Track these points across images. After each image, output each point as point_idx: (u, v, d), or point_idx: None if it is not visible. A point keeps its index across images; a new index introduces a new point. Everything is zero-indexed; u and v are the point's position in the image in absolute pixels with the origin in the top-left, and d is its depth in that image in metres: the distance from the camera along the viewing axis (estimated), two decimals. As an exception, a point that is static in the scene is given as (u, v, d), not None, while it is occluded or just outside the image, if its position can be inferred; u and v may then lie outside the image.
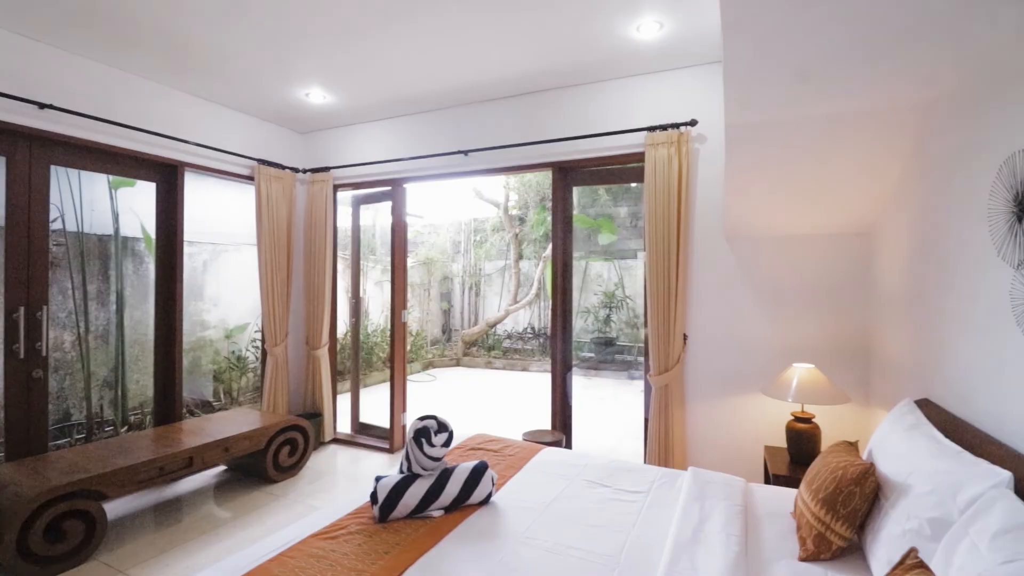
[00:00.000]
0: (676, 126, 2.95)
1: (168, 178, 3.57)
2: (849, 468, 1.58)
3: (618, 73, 3.18)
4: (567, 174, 3.48)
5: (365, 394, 4.66)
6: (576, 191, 3.61)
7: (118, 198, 4.08)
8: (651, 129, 3.01)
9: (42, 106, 2.79)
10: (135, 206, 4.09)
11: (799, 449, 2.49)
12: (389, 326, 7.67)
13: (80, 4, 2.46)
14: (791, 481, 2.35)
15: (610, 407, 5.94)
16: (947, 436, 1.57)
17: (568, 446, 3.44)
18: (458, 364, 8.75)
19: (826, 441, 2.53)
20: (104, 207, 4.05)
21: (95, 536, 2.47)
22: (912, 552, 1.19)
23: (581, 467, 2.25)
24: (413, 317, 8.65)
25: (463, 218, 9.61)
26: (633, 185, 7.88)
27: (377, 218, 8.24)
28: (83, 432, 3.88)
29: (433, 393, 6.67)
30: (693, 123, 2.93)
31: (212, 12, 2.54)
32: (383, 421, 4.29)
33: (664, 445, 2.91)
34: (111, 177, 3.95)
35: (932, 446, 1.51)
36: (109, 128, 3.13)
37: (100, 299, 4.05)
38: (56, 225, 3.53)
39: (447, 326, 9.71)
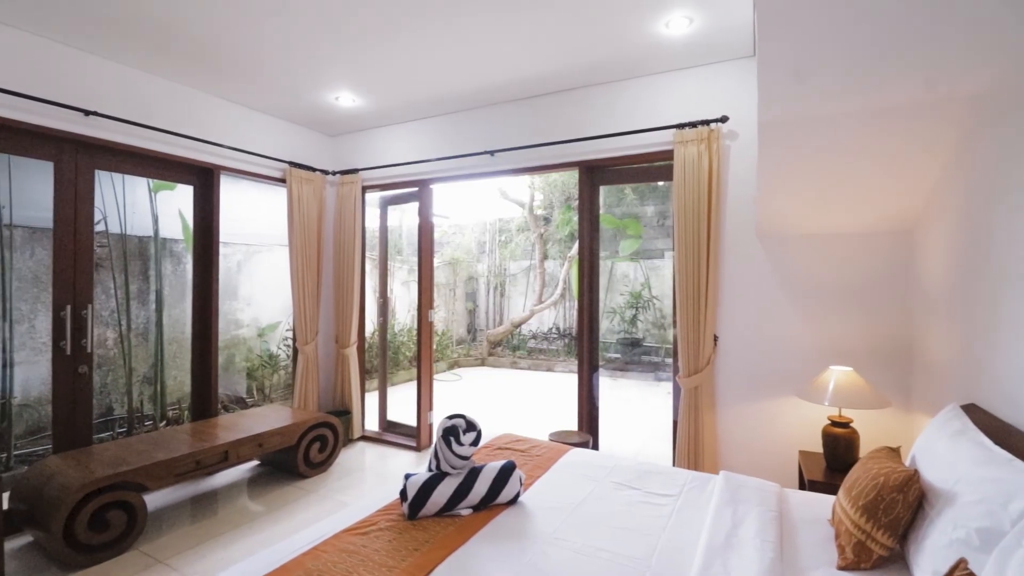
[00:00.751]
0: (706, 123, 2.90)
1: (205, 181, 3.68)
2: (891, 475, 1.52)
3: (646, 70, 3.14)
4: (594, 173, 3.46)
5: (392, 392, 4.72)
6: (602, 190, 3.58)
7: (158, 201, 4.23)
8: (680, 127, 2.96)
9: (87, 113, 2.91)
10: (174, 208, 4.24)
11: (836, 454, 2.42)
12: (415, 325, 7.77)
13: (122, 15, 2.56)
14: (827, 487, 2.28)
15: (637, 408, 5.87)
16: (996, 443, 1.50)
17: (595, 447, 3.42)
18: (483, 364, 8.78)
19: (865, 447, 2.45)
20: (144, 209, 4.21)
21: (136, 526, 2.57)
22: (962, 563, 1.13)
23: (609, 469, 2.22)
24: (439, 317, 8.72)
25: (488, 218, 9.65)
26: (660, 184, 7.78)
27: (404, 219, 8.34)
28: (124, 426, 4.03)
29: (459, 392, 6.71)
30: (724, 120, 2.88)
31: (246, 20, 2.61)
32: (410, 419, 4.34)
33: (694, 448, 2.86)
34: (151, 181, 4.10)
35: (980, 453, 1.44)
36: (149, 133, 3.24)
37: (140, 298, 4.21)
38: (99, 227, 3.68)
39: (472, 326, 9.76)
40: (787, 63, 1.91)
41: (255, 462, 3.72)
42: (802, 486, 2.57)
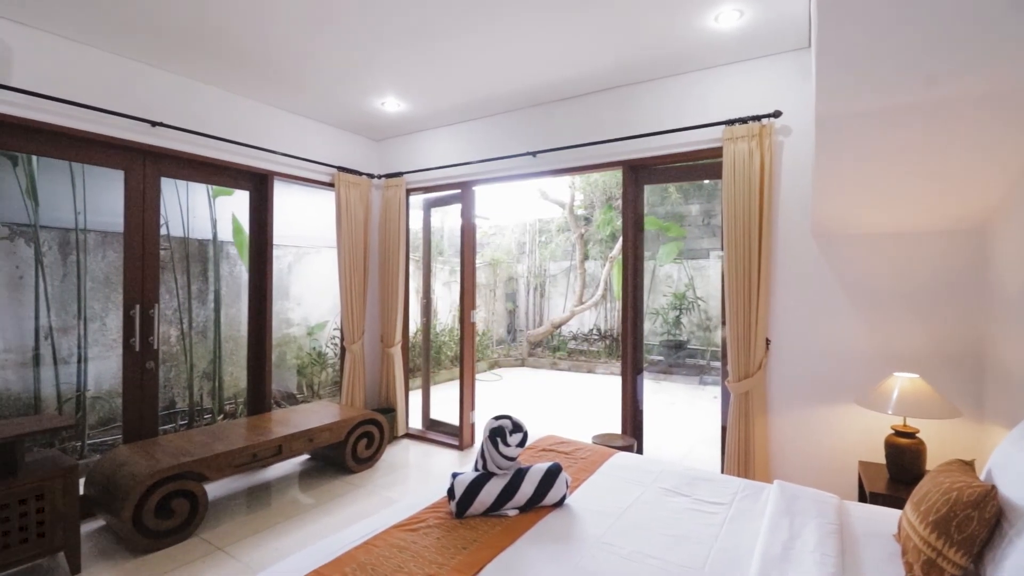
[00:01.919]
0: (757, 118, 2.80)
1: (260, 186, 3.84)
2: (965, 490, 1.42)
3: (694, 66, 3.07)
4: (638, 172, 3.40)
5: (434, 391, 4.79)
6: (646, 190, 3.51)
7: (216, 205, 4.45)
8: (730, 123, 2.87)
9: (153, 124, 3.09)
10: (229, 212, 4.45)
11: (900, 466, 2.29)
12: (457, 325, 7.89)
13: (185, 30, 2.70)
14: (890, 500, 2.16)
15: (681, 412, 5.74)
16: (1087, 458, 1.38)
17: (639, 451, 3.36)
18: (523, 364, 8.79)
19: (932, 458, 2.31)
20: (204, 214, 4.44)
21: (198, 514, 2.70)
22: (1051, 589, 1.05)
23: (656, 474, 2.18)
24: (479, 317, 8.78)
25: (528, 219, 9.65)
26: (706, 182, 7.58)
27: (445, 220, 8.46)
28: (185, 419, 4.26)
29: (499, 392, 6.74)
30: (777, 114, 2.77)
31: (298, 33, 2.71)
32: (451, 418, 4.39)
33: (744, 455, 2.77)
34: (210, 186, 4.31)
35: (1070, 469, 1.33)
36: (209, 142, 3.41)
37: (200, 298, 4.44)
38: (163, 231, 3.90)
39: (512, 326, 9.79)
40: (848, 54, 1.82)
41: (306, 456, 3.85)
42: (862, 498, 2.45)
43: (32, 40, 2.66)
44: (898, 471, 2.29)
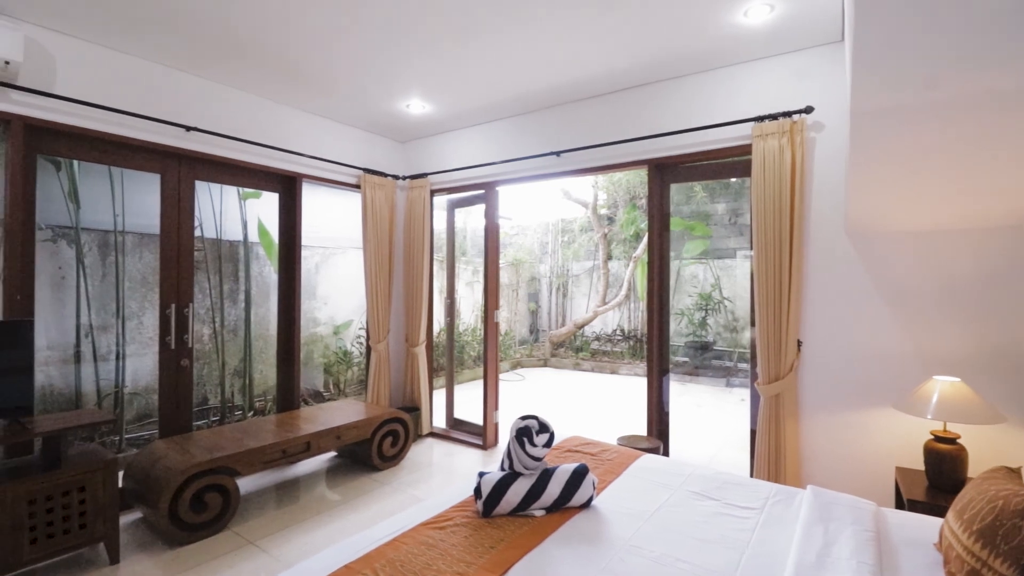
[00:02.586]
0: (788, 114, 2.74)
1: (288, 189, 3.92)
2: (1012, 498, 1.37)
3: (722, 62, 3.02)
4: (664, 171, 3.36)
5: (457, 391, 4.81)
6: (671, 188, 3.47)
7: (246, 208, 4.56)
8: (759, 119, 2.82)
9: (188, 128, 3.18)
10: (259, 214, 4.55)
11: (940, 473, 2.21)
12: (479, 325, 7.91)
13: (218, 39, 2.78)
14: (929, 508, 2.09)
15: (707, 415, 5.65)
16: None
17: (665, 454, 3.32)
18: (546, 364, 8.77)
19: (974, 465, 2.22)
20: (234, 216, 4.55)
21: (230, 508, 2.77)
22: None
23: (685, 477, 2.15)
24: (501, 317, 8.80)
25: (550, 219, 9.63)
26: (733, 180, 7.45)
27: (468, 220, 8.50)
28: (217, 415, 4.37)
29: (522, 393, 6.74)
30: (808, 110, 2.71)
31: (324, 39, 2.76)
32: (475, 417, 4.41)
33: (774, 459, 2.71)
34: (241, 189, 4.42)
35: None
36: (240, 145, 3.50)
37: (231, 298, 4.55)
38: (197, 232, 4.02)
39: (534, 326, 9.78)
40: (885, 46, 1.76)
41: (333, 453, 3.91)
42: (899, 506, 2.37)
43: (74, 50, 2.77)
44: (937, 478, 2.21)
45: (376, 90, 3.51)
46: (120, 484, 2.66)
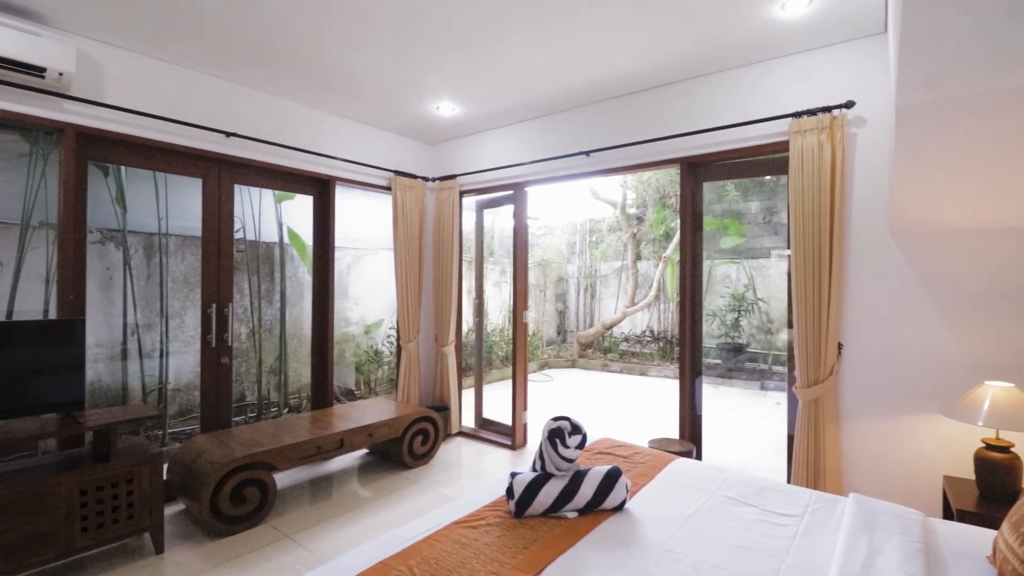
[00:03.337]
0: (827, 109, 2.66)
1: (322, 191, 4.01)
2: (1076, 512, 1.29)
3: (757, 57, 2.95)
4: (696, 170, 3.30)
5: (485, 391, 4.83)
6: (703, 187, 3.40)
7: (281, 210, 4.68)
8: (797, 115, 2.74)
9: (228, 134, 3.29)
10: (292, 216, 4.67)
11: (991, 482, 2.11)
12: (507, 326, 7.93)
13: (257, 48, 2.86)
14: (980, 519, 1.99)
15: (741, 419, 5.52)
16: None
17: (698, 458, 3.26)
18: (573, 365, 8.73)
19: (1031, 475, 2.11)
20: (270, 218, 4.67)
21: (267, 502, 2.85)
22: None
23: (720, 482, 2.10)
24: (529, 318, 8.79)
25: (578, 219, 9.57)
26: (767, 178, 7.27)
27: (495, 221, 8.52)
28: (254, 411, 4.50)
29: (550, 393, 6.72)
30: (849, 105, 2.62)
31: (356, 44, 2.82)
32: (503, 417, 4.42)
33: (813, 466, 2.63)
34: (276, 192, 4.54)
35: None
36: (277, 150, 3.60)
37: (267, 298, 4.68)
38: (237, 235, 4.15)
39: (562, 327, 9.74)
40: (934, 37, 1.69)
41: (364, 450, 3.98)
42: (947, 516, 2.27)
43: (122, 60, 2.90)
44: (989, 488, 2.11)
45: (407, 93, 3.55)
46: (164, 477, 2.77)
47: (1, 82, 2.44)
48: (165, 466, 2.90)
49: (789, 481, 2.78)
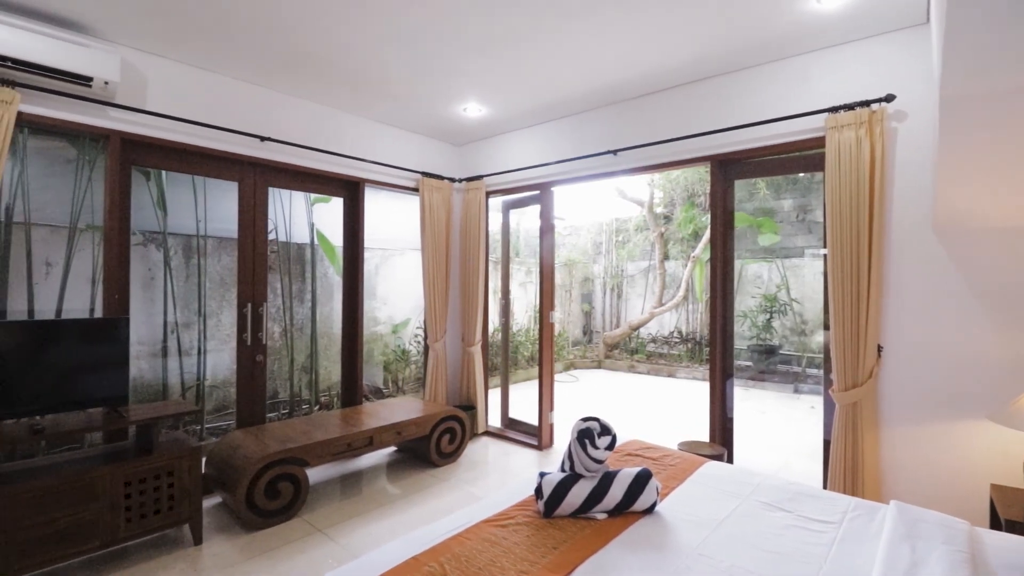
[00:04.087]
0: (866, 103, 2.57)
1: (352, 193, 4.08)
2: None
3: (792, 51, 2.88)
4: (727, 167, 3.24)
5: (511, 391, 4.84)
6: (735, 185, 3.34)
7: (313, 212, 4.79)
8: (833, 110, 2.66)
9: (262, 139, 3.38)
10: (324, 218, 4.77)
11: (1045, 492, 2.00)
12: (532, 326, 7.92)
13: (284, 53, 2.93)
14: (1034, 530, 1.90)
15: (773, 422, 5.39)
16: None
17: (729, 461, 3.20)
18: (599, 366, 8.67)
19: (1089, 486, 2.00)
20: (301, 219, 4.78)
21: (300, 497, 2.92)
22: None
23: (753, 486, 2.06)
24: (555, 318, 8.77)
25: (604, 218, 9.50)
26: (800, 175, 7.08)
27: (521, 221, 8.53)
28: (286, 408, 4.61)
29: (576, 394, 6.69)
30: (889, 99, 2.53)
31: (384, 48, 2.86)
32: (529, 418, 4.42)
33: (851, 471, 2.55)
34: (310, 195, 4.64)
35: None
36: (309, 153, 3.68)
37: (299, 297, 4.79)
38: (271, 236, 4.26)
39: (588, 327, 9.68)
40: (982, 26, 1.62)
41: (393, 448, 4.04)
42: (995, 526, 2.17)
43: (162, 68, 3.01)
44: (1043, 498, 2.01)
45: (433, 94, 3.59)
46: (202, 470, 2.85)
47: (53, 91, 2.57)
48: (203, 460, 2.99)
49: (825, 487, 2.70)
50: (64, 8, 2.48)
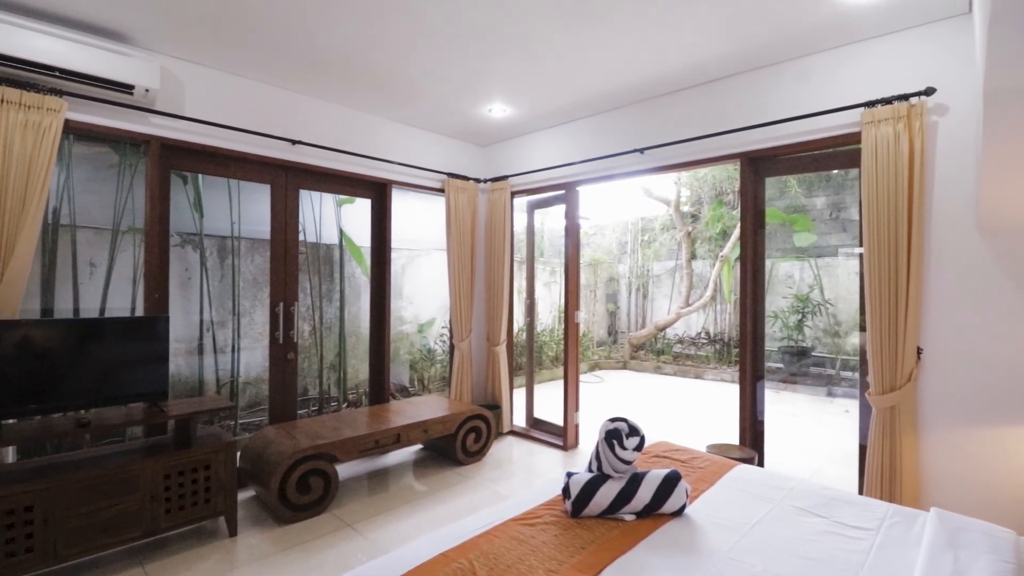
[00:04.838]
0: (905, 97, 2.48)
1: (379, 195, 4.15)
2: None
3: (825, 45, 2.80)
4: (758, 165, 3.18)
5: (536, 390, 4.84)
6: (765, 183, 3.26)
7: (341, 213, 4.88)
8: (869, 104, 2.58)
9: (294, 142, 3.46)
10: (352, 219, 4.86)
11: (1101, 503, 1.90)
12: (557, 326, 7.90)
13: (312, 57, 2.99)
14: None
15: (806, 426, 5.25)
16: None
17: (760, 465, 3.13)
18: (625, 367, 8.59)
19: None
20: (330, 221, 4.88)
21: (330, 492, 2.98)
22: None
23: (787, 491, 2.01)
24: (580, 318, 8.72)
25: (629, 218, 9.41)
26: (834, 172, 6.88)
27: (545, 221, 8.51)
28: (315, 405, 4.71)
29: (601, 395, 6.64)
30: (929, 92, 2.44)
31: (410, 51, 2.90)
32: (554, 417, 4.41)
33: (888, 477, 2.46)
34: (337, 197, 4.74)
35: None
36: (338, 156, 3.75)
37: (328, 297, 4.89)
38: (300, 237, 4.35)
39: (613, 328, 9.60)
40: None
41: (419, 446, 4.08)
42: (1045, 537, 2.07)
43: (199, 75, 3.11)
44: (1099, 509, 1.91)
45: (459, 95, 3.61)
46: (237, 464, 2.94)
47: (97, 99, 2.68)
48: (238, 454, 3.08)
49: (861, 493, 2.62)
50: (107, 19, 2.59)
